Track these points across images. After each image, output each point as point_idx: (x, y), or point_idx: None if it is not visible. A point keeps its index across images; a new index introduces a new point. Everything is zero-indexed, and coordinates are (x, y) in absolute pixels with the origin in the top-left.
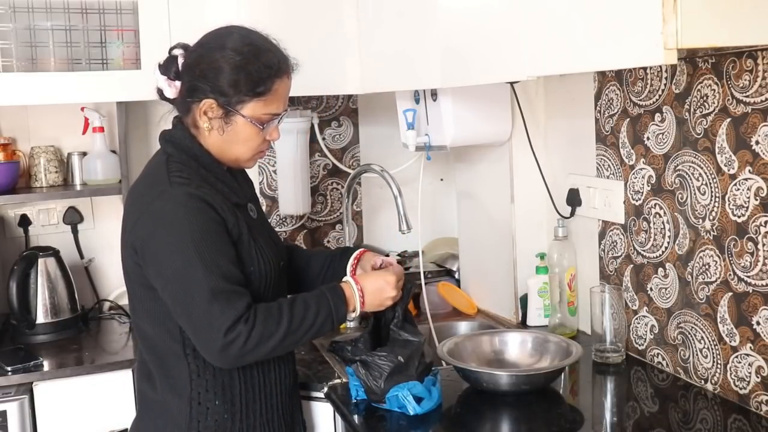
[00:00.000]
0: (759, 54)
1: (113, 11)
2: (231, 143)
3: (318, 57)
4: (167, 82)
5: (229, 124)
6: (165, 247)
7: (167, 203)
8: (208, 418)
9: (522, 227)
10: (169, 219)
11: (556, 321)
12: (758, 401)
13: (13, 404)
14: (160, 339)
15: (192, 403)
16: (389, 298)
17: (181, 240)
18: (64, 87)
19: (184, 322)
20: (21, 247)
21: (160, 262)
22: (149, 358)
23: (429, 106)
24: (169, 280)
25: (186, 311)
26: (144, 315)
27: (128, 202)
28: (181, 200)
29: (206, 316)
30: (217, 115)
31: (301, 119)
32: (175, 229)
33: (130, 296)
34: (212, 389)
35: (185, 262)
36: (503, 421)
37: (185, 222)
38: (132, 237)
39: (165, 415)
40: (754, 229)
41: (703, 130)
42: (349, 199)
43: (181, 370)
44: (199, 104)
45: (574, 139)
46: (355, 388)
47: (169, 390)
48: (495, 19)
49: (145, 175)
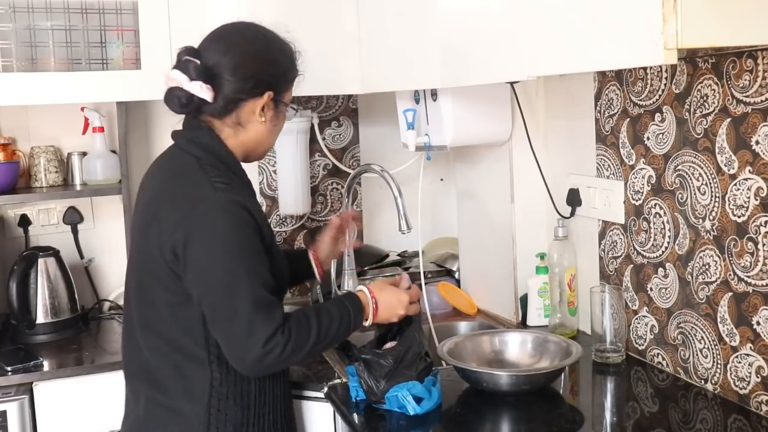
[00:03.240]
0: (759, 54)
1: (113, 11)
2: (272, 133)
3: (318, 57)
4: (204, 87)
5: (278, 115)
6: (210, 254)
7: (213, 210)
8: (227, 424)
9: (522, 227)
10: (215, 226)
11: (556, 321)
12: (758, 401)
13: (13, 404)
14: (181, 345)
15: (210, 409)
16: (397, 315)
17: (227, 248)
18: (64, 87)
19: (220, 330)
20: (21, 247)
21: (204, 269)
22: (159, 364)
23: (429, 106)
24: (211, 288)
25: (226, 320)
26: (167, 319)
27: (161, 204)
28: (226, 207)
29: (248, 325)
30: (270, 107)
31: (301, 119)
32: (221, 237)
33: (144, 300)
34: (232, 396)
35: (230, 271)
36: (503, 421)
37: (231, 230)
38: (172, 241)
39: (176, 420)
40: (754, 229)
41: (703, 130)
42: (349, 199)
43: (202, 377)
44: (260, 99)
45: (574, 139)
46: (355, 389)
47: (183, 395)
48: (495, 19)
49: (175, 175)
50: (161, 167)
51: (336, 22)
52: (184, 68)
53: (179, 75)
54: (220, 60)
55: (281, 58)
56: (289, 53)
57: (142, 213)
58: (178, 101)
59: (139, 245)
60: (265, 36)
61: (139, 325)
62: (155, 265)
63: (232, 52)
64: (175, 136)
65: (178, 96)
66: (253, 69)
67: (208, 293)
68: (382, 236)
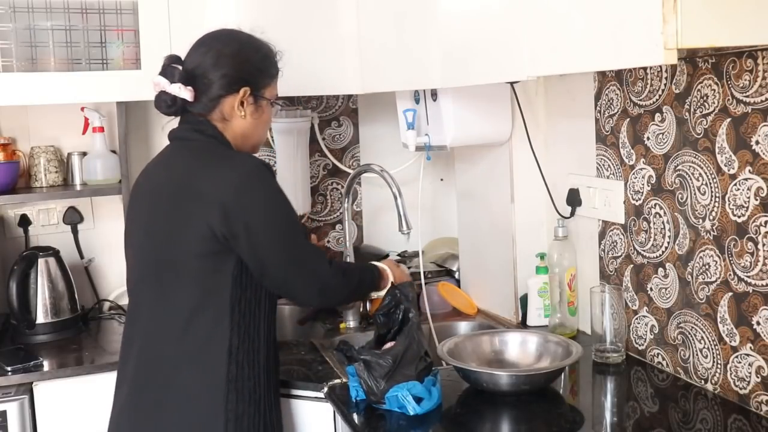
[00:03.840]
0: (759, 54)
1: (113, 11)
2: (257, 127)
3: (318, 57)
4: (183, 88)
5: (258, 109)
6: (267, 196)
7: (250, 164)
8: (243, 389)
9: (522, 227)
10: (259, 174)
11: (556, 321)
12: (758, 401)
13: (13, 404)
14: (205, 313)
15: (229, 375)
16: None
17: (277, 192)
18: (64, 87)
19: (286, 261)
20: (21, 247)
21: (263, 210)
22: (172, 342)
23: (429, 106)
24: (273, 225)
25: (294, 249)
26: (192, 287)
27: (195, 179)
28: (259, 163)
29: (315, 253)
30: (249, 102)
31: (301, 119)
32: (269, 183)
33: (165, 279)
34: (247, 364)
35: (287, 212)
36: (503, 421)
37: (275, 184)
38: (222, 207)
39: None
40: (754, 229)
41: (703, 130)
42: (349, 199)
43: (220, 346)
44: (237, 95)
45: (574, 139)
46: (355, 389)
47: (199, 369)
48: (495, 19)
49: (198, 155)
50: (175, 155)
51: (336, 21)
52: (166, 73)
53: (161, 79)
54: (199, 63)
55: (255, 56)
56: (265, 51)
57: (165, 195)
58: (164, 104)
59: (158, 226)
60: (239, 38)
61: (156, 303)
62: (190, 237)
63: (209, 54)
64: (176, 132)
65: (164, 99)
66: (227, 67)
67: (271, 228)
68: (382, 236)
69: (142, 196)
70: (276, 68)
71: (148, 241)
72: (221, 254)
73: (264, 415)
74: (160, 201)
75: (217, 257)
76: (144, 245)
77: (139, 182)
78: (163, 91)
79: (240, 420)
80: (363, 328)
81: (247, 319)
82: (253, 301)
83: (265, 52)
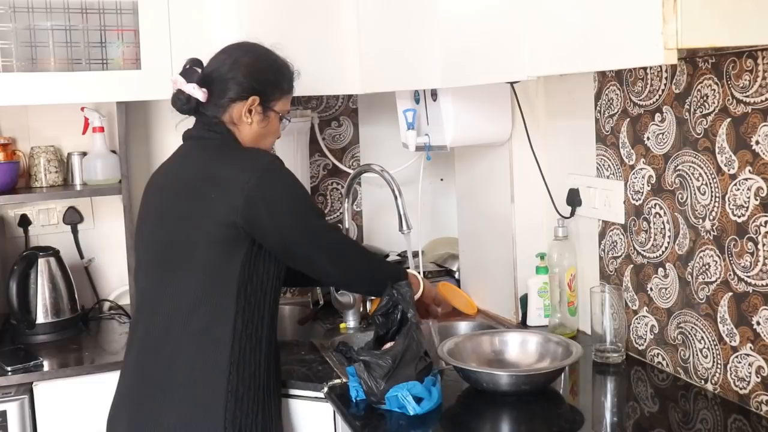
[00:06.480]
0: (759, 54)
1: (113, 11)
2: (264, 136)
3: (318, 57)
4: (197, 88)
5: (265, 119)
6: (287, 182)
7: (269, 155)
8: (245, 372)
9: (522, 227)
10: (279, 163)
11: (556, 321)
12: (758, 401)
13: (13, 404)
14: (211, 298)
15: (232, 358)
16: (433, 299)
17: (295, 178)
18: (64, 87)
19: (311, 241)
20: (21, 247)
21: (286, 194)
22: (177, 345)
23: (429, 106)
24: (296, 207)
25: (318, 230)
26: (200, 271)
27: (215, 171)
28: (276, 156)
29: (337, 232)
30: (258, 111)
31: (301, 119)
32: (287, 171)
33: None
34: (250, 349)
35: (307, 196)
36: (503, 421)
37: (293, 176)
38: (244, 196)
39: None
40: (754, 229)
41: (703, 130)
42: (349, 199)
43: (225, 330)
44: (246, 102)
45: (574, 139)
46: (355, 389)
47: (203, 353)
48: (495, 19)
49: (217, 150)
50: (191, 152)
51: (336, 22)
52: (185, 74)
53: (179, 78)
54: (217, 67)
55: (269, 68)
56: (279, 66)
57: (182, 184)
58: (179, 101)
59: (174, 211)
60: (258, 50)
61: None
62: (207, 222)
63: (227, 60)
64: (192, 131)
65: (179, 97)
66: (241, 74)
67: (296, 214)
68: (382, 236)
69: (157, 190)
70: (289, 84)
71: (161, 226)
72: (235, 241)
73: (263, 399)
74: (177, 190)
75: (229, 244)
76: (155, 230)
77: (153, 180)
78: (179, 89)
79: (240, 401)
80: (363, 328)
81: (252, 305)
82: (259, 290)
83: (279, 66)
